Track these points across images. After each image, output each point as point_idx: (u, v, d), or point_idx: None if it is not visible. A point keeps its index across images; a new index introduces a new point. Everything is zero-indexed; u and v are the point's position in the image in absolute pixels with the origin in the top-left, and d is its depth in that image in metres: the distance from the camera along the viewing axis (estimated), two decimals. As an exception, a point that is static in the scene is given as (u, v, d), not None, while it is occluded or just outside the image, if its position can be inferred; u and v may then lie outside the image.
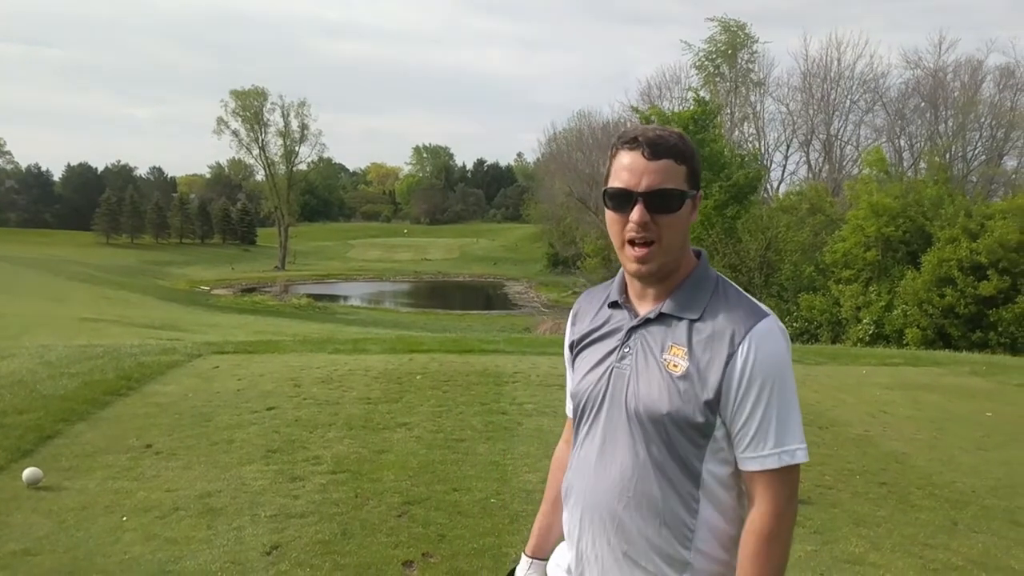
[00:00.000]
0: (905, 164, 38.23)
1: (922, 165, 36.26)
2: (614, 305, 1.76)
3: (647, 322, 1.67)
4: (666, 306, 1.65)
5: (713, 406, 1.57)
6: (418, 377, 8.60)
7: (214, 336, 16.19)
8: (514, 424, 6.76)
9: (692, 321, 1.61)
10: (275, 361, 9.60)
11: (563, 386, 6.89)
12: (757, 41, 43.88)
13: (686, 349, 1.60)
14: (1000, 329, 19.53)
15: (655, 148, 1.59)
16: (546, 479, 2.03)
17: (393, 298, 60.95)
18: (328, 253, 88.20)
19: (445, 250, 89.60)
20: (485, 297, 61.87)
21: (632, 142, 1.62)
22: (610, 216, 1.66)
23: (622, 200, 1.61)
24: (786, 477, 1.57)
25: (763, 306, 1.62)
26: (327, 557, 4.04)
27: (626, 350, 1.69)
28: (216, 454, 5.70)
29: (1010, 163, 37.81)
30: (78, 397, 7.05)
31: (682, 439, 1.59)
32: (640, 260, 1.62)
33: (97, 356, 9.21)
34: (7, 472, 5.15)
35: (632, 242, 1.62)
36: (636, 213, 1.59)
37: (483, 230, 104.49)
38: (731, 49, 43.26)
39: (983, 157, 37.33)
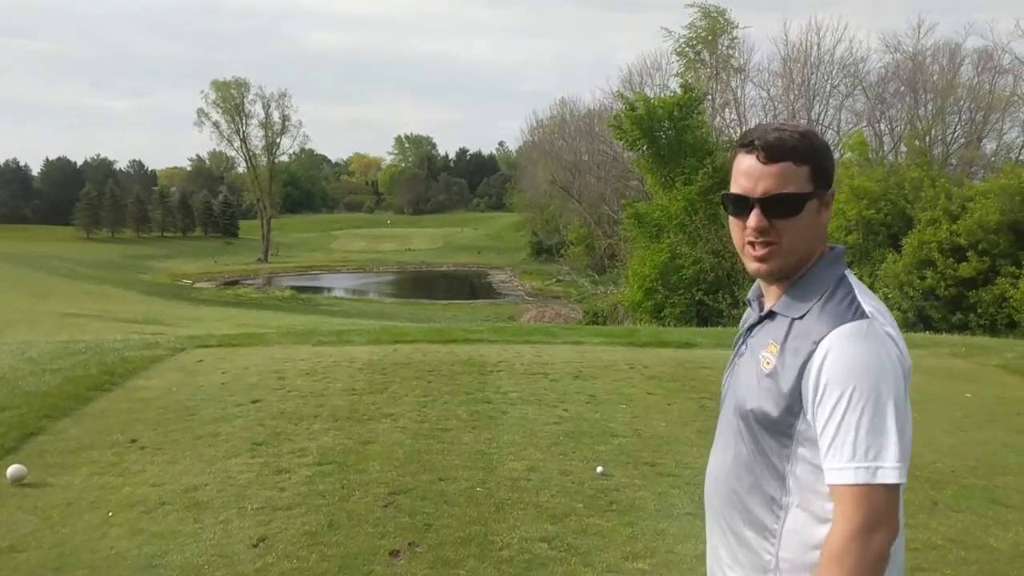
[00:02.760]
0: (886, 148, 38.43)
1: (903, 149, 36.47)
2: (748, 303, 1.77)
3: (761, 319, 1.67)
4: (776, 304, 1.63)
5: (793, 408, 1.51)
6: (401, 368, 8.61)
7: (197, 329, 16.14)
8: (499, 413, 6.78)
9: (794, 320, 1.57)
10: (259, 354, 9.57)
11: (547, 374, 6.90)
12: (737, 27, 43.84)
13: (779, 347, 1.56)
14: (979, 311, 19.69)
15: (771, 151, 1.56)
16: (531, 467, 2.06)
17: (377, 289, 60.84)
18: (311, 245, 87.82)
19: (429, 240, 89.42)
20: (469, 286, 61.88)
21: (749, 145, 1.59)
22: (731, 220, 1.65)
23: (740, 205, 1.60)
24: (861, 497, 1.40)
25: (870, 309, 1.50)
26: (314, 548, 4.05)
27: (743, 347, 1.71)
28: (201, 448, 5.70)
29: (989, 146, 38.07)
30: (61, 393, 7.02)
31: (768, 439, 1.56)
32: (759, 259, 1.60)
33: (79, 352, 9.16)
34: (-9, 470, 5.13)
35: (752, 243, 1.60)
36: (753, 219, 1.57)
37: (467, 219, 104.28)
38: (711, 35, 43.19)
39: (962, 140, 37.53)
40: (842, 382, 1.43)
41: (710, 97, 39.72)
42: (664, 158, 26.72)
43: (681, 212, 26.10)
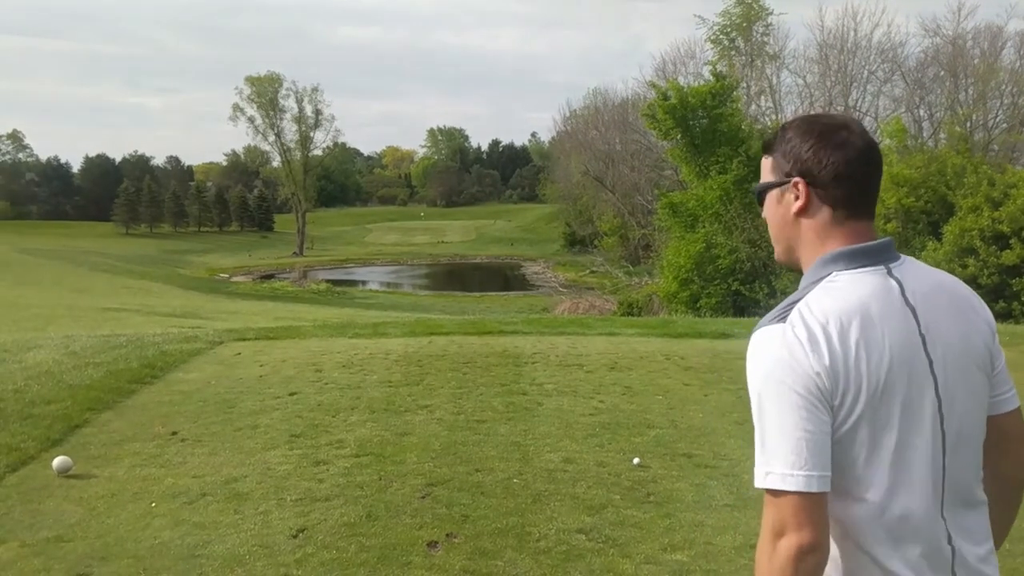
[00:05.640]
0: (925, 134, 37.78)
1: (942, 135, 35.83)
2: None
3: None
4: None
5: None
6: (437, 360, 8.64)
7: (235, 323, 16.31)
8: (534, 404, 6.79)
9: None
10: (296, 347, 9.66)
11: (582, 366, 6.85)
12: (772, 13, 43.36)
13: None
14: (1023, 298, 19.32)
15: (763, 146, 1.62)
16: (568, 458, 2.03)
17: (411, 281, 61.05)
18: (346, 238, 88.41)
19: (462, 232, 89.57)
20: (503, 278, 61.87)
21: None
22: None
23: None
24: (766, 500, 1.39)
25: (785, 308, 1.46)
26: (352, 539, 4.09)
27: None
28: (241, 440, 5.77)
29: (1032, 130, 37.28)
30: (104, 386, 7.15)
31: None
32: None
33: (121, 345, 9.31)
34: (38, 461, 5.25)
35: None
36: None
37: (499, 211, 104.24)
38: (746, 22, 42.76)
39: (1004, 125, 36.74)
40: (749, 385, 1.46)
41: (745, 85, 39.35)
42: (698, 147, 26.49)
43: (716, 202, 25.84)
